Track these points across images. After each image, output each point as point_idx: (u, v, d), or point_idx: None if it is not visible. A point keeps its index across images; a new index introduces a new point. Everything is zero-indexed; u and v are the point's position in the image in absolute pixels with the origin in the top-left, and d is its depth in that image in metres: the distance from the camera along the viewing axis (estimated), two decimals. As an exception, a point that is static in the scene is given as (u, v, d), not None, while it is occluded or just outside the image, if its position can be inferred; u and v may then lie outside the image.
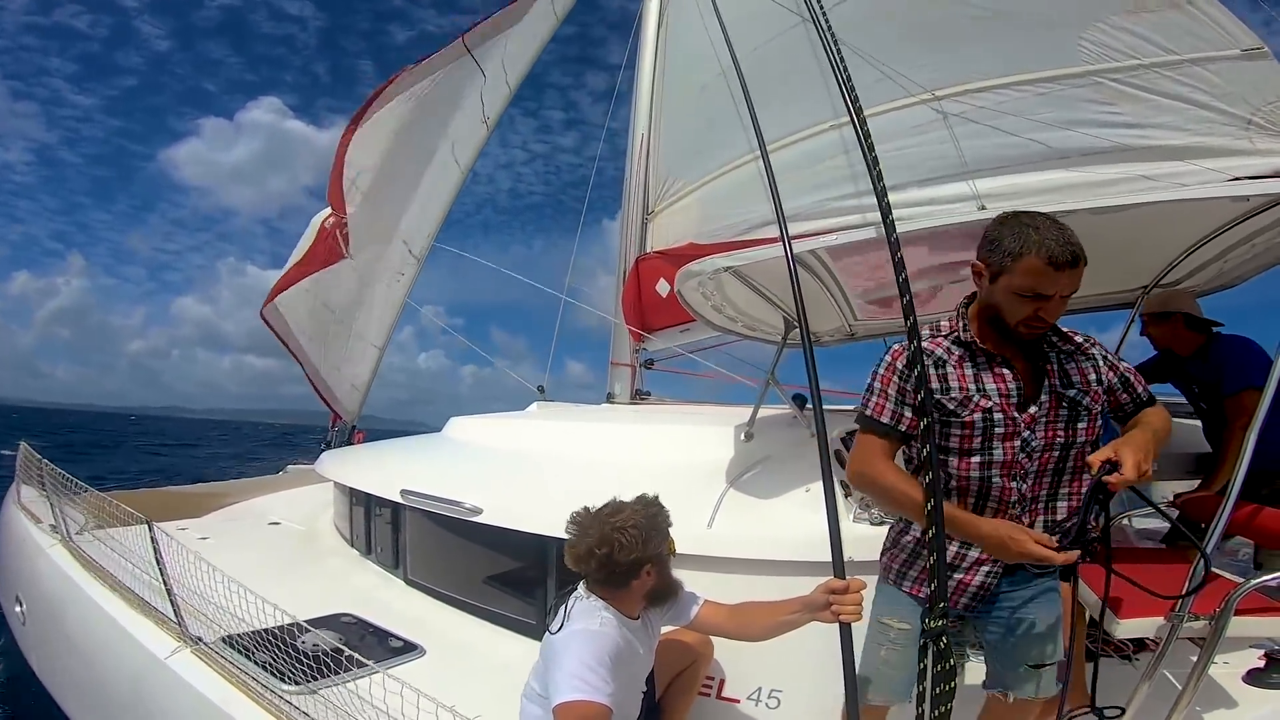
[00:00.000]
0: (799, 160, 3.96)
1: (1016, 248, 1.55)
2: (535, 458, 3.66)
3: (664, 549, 1.96)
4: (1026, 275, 1.55)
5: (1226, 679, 2.40)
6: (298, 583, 3.47)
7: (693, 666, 2.26)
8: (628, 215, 5.39)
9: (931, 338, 1.75)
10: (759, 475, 2.84)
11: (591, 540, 1.86)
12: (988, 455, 1.66)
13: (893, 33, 3.47)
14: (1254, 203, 2.09)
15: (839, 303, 3.53)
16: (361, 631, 2.83)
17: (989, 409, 1.65)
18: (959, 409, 1.66)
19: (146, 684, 2.60)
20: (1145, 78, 2.83)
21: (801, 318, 1.94)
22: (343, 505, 4.26)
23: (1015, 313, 1.61)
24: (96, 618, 3.01)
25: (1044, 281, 1.54)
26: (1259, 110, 2.63)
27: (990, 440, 1.66)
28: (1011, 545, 1.53)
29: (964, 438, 1.67)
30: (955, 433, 1.67)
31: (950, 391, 1.67)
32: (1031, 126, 2.94)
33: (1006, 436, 1.65)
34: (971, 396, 1.66)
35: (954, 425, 1.67)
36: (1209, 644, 1.84)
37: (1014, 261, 1.55)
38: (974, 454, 1.67)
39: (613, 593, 1.92)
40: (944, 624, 1.26)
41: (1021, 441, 1.65)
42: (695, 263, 2.70)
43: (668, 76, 5.20)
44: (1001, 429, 1.65)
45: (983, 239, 1.66)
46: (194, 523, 4.69)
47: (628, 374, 5.62)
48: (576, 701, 1.67)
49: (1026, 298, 1.57)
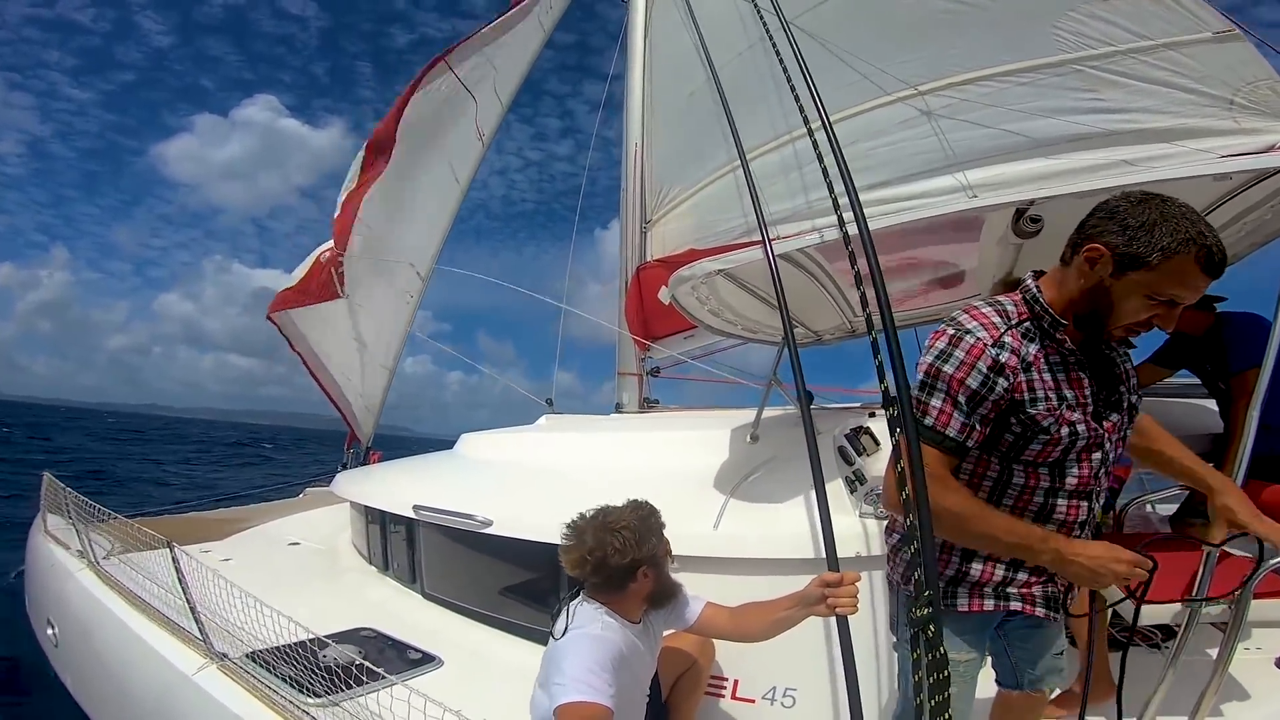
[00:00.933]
0: (790, 162, 3.99)
1: (1172, 242, 1.26)
2: (544, 469, 3.71)
3: (659, 551, 1.99)
4: (1173, 276, 1.28)
5: (1258, 664, 2.36)
6: (318, 599, 3.54)
7: (694, 667, 2.29)
8: (627, 224, 5.44)
9: (1009, 329, 1.41)
10: (765, 476, 2.86)
11: (587, 545, 1.90)
12: (1061, 472, 1.45)
13: (873, 30, 3.52)
14: (1237, 180, 2.10)
15: (837, 300, 3.57)
16: (381, 644, 2.88)
17: (1074, 422, 1.41)
18: (1052, 425, 1.40)
19: (174, 699, 2.67)
20: (1123, 64, 2.85)
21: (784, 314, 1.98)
22: (359, 523, 4.33)
23: (1130, 314, 1.35)
24: (124, 637, 3.09)
25: (1190, 286, 1.29)
26: (1239, 90, 2.64)
27: (1067, 456, 1.44)
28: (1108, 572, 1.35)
29: (1042, 453, 1.43)
30: (1035, 448, 1.43)
31: (1038, 404, 1.39)
32: (1016, 116, 2.98)
33: (1089, 448, 1.44)
34: (1059, 409, 1.40)
35: (1038, 441, 1.42)
36: (1231, 628, 1.82)
37: (1164, 259, 1.27)
38: (1044, 470, 1.45)
39: (611, 597, 1.96)
40: (931, 611, 1.25)
41: (1103, 454, 1.46)
42: (685, 268, 2.74)
43: (657, 84, 5.26)
44: (1084, 441, 1.42)
45: (1107, 219, 1.35)
46: (216, 545, 4.78)
47: (635, 383, 5.66)
48: (578, 703, 1.69)
49: (1157, 301, 1.32)
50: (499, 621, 3.04)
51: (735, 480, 2.83)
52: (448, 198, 6.74)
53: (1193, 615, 1.78)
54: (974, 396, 1.38)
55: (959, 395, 1.38)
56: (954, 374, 1.39)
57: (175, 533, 3.62)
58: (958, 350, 1.39)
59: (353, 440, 7.98)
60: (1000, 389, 1.37)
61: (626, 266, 5.41)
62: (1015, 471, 1.46)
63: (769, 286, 2.85)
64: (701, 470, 2.98)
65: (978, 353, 1.38)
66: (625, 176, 5.40)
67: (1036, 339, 1.42)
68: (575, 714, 1.69)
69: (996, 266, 3.19)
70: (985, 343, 1.38)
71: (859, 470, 2.77)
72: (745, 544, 2.44)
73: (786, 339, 1.93)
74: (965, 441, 1.41)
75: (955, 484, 1.43)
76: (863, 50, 3.23)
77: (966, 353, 1.38)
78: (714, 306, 3.15)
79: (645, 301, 5.16)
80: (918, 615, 1.23)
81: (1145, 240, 1.29)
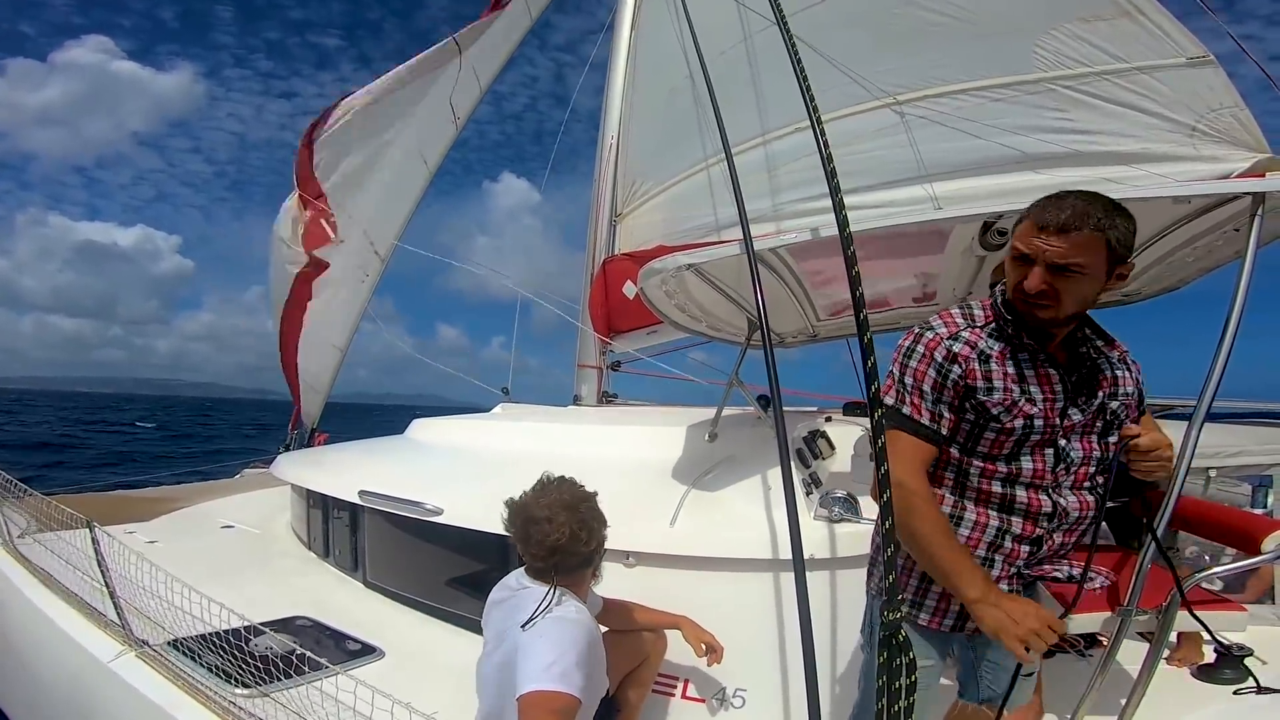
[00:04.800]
0: (763, 163, 4.01)
1: (1022, 216, 1.47)
2: (498, 458, 3.61)
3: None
4: (1020, 237, 1.46)
5: (1178, 676, 2.44)
6: (251, 586, 3.37)
7: (646, 663, 2.24)
8: (596, 217, 5.39)
9: (970, 327, 1.54)
10: (722, 474, 2.85)
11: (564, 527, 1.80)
12: (1015, 465, 1.51)
13: (859, 37, 3.54)
14: (1195, 204, 2.16)
15: (801, 304, 3.58)
16: (317, 634, 2.76)
17: (1031, 416, 1.47)
18: (1002, 415, 1.47)
19: (88, 688, 2.51)
20: (1096, 85, 2.93)
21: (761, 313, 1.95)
22: (300, 508, 4.15)
23: (1010, 280, 1.49)
24: (36, 622, 2.89)
25: (1026, 240, 1.43)
26: (1203, 117, 2.74)
27: (1020, 449, 1.50)
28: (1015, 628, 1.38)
29: (996, 443, 1.50)
30: (988, 436, 1.50)
31: (994, 393, 1.48)
32: (987, 131, 3.03)
33: (1041, 445, 1.50)
34: (1017, 400, 1.48)
35: (990, 430, 1.49)
36: (1157, 640, 1.88)
37: (1016, 226, 1.48)
38: (1001, 460, 1.52)
39: (573, 580, 1.87)
40: (900, 615, 1.25)
41: (1057, 450, 1.51)
42: (657, 260, 2.70)
43: (638, 79, 5.23)
44: (1038, 436, 1.49)
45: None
46: (142, 526, 4.52)
47: (594, 376, 5.60)
48: (550, 693, 1.59)
49: (1015, 261, 1.46)
50: (444, 613, 2.94)
51: (692, 477, 2.80)
52: (413, 176, 6.55)
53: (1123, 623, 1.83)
54: (935, 385, 1.50)
55: (924, 385, 1.51)
56: (916, 366, 1.52)
57: (99, 512, 3.40)
58: (919, 346, 1.53)
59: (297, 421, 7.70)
60: (954, 375, 1.49)
61: (593, 259, 5.35)
62: (974, 461, 1.54)
63: (738, 284, 2.84)
64: (659, 465, 2.95)
65: (934, 344, 1.51)
66: (598, 168, 5.35)
67: (1003, 338, 1.52)
68: (545, 704, 1.58)
69: (958, 277, 3.25)
70: (942, 336, 1.52)
71: (814, 473, 2.78)
72: (702, 542, 2.41)
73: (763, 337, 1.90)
74: (939, 430, 1.51)
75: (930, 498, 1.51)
76: (847, 56, 3.25)
77: (925, 346, 1.52)
78: (680, 302, 3.11)
79: (610, 295, 5.11)
80: (888, 619, 1.23)
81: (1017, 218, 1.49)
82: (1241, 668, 2.33)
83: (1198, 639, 2.56)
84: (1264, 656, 2.39)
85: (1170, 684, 2.34)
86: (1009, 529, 1.55)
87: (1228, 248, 2.47)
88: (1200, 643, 2.54)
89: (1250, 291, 1.88)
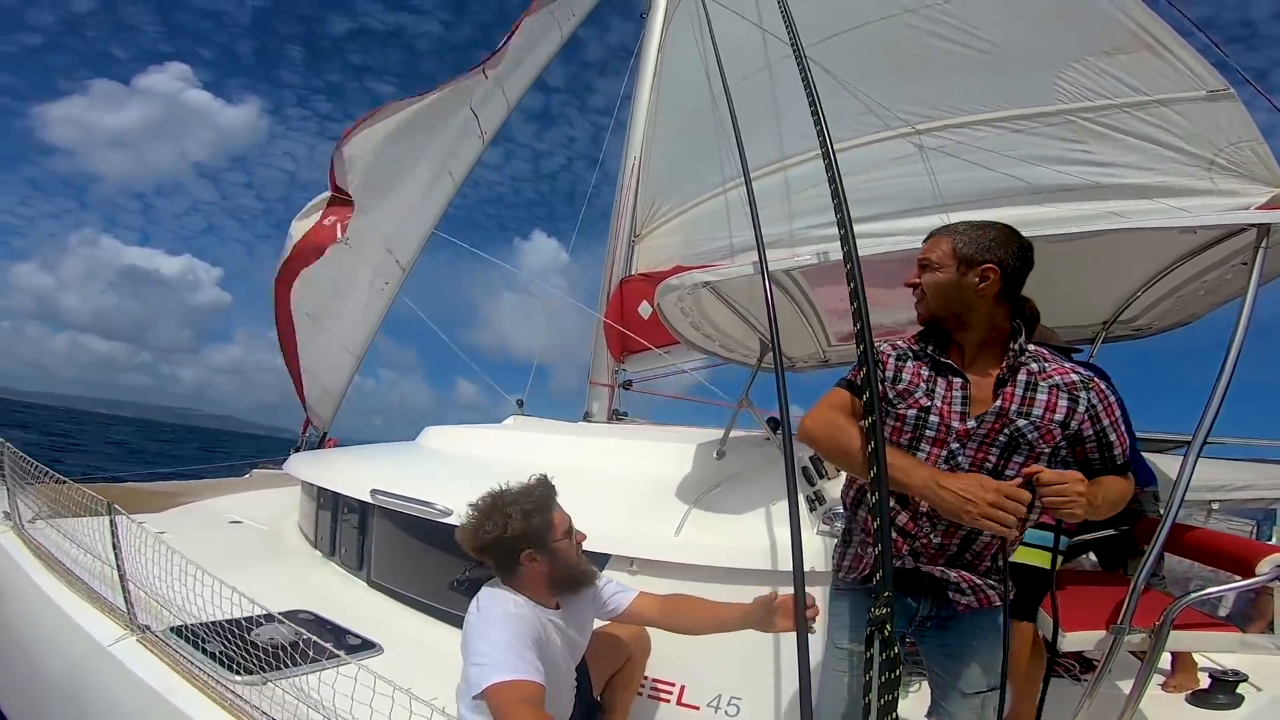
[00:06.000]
0: (782, 188, 4.06)
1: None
2: (509, 466, 3.62)
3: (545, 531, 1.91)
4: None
5: (1172, 701, 2.44)
6: (255, 579, 3.35)
7: (630, 662, 2.25)
8: (615, 237, 5.47)
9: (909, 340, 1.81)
10: (728, 490, 2.87)
11: (473, 527, 1.89)
12: (912, 452, 1.65)
13: (880, 66, 3.60)
14: (1201, 236, 2.18)
15: (814, 328, 3.61)
16: (319, 628, 2.77)
17: (926, 408, 1.65)
18: (897, 400, 1.69)
19: (86, 672, 2.53)
20: (1116, 118, 2.95)
21: (774, 331, 1.99)
22: (309, 506, 4.19)
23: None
24: (40, 605, 2.92)
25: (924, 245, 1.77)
26: (1221, 151, 2.75)
27: (917, 442, 1.65)
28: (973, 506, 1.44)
29: (894, 430, 1.68)
30: (890, 423, 1.68)
31: (899, 383, 1.71)
32: (1006, 162, 3.06)
33: (936, 442, 1.64)
34: (914, 391, 1.68)
35: (891, 415, 1.69)
36: (1150, 656, 1.89)
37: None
38: (900, 448, 1.66)
39: (509, 578, 1.90)
40: (888, 612, 1.27)
41: (949, 452, 1.62)
42: (675, 277, 2.76)
43: (662, 101, 5.33)
44: (932, 432, 1.64)
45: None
46: (151, 518, 4.56)
47: (605, 394, 5.64)
48: (508, 682, 1.60)
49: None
50: (446, 614, 2.95)
51: (699, 491, 2.82)
52: (437, 188, 6.64)
53: (1116, 642, 1.85)
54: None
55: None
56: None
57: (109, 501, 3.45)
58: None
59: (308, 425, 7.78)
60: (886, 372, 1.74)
61: (610, 278, 5.42)
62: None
63: (753, 305, 2.88)
64: (666, 479, 2.97)
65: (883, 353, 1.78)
66: (620, 189, 5.44)
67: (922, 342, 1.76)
68: (508, 693, 1.59)
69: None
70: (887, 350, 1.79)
71: (819, 491, 2.81)
72: (705, 552, 2.43)
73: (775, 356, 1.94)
74: (855, 381, 1.75)
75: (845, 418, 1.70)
76: (867, 84, 3.31)
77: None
78: (695, 320, 3.15)
79: (626, 314, 5.17)
80: (876, 615, 1.26)
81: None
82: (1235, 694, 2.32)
83: (1193, 666, 2.56)
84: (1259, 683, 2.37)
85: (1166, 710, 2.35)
86: (894, 520, 1.66)
87: (1236, 282, 2.48)
88: (1195, 669, 2.54)
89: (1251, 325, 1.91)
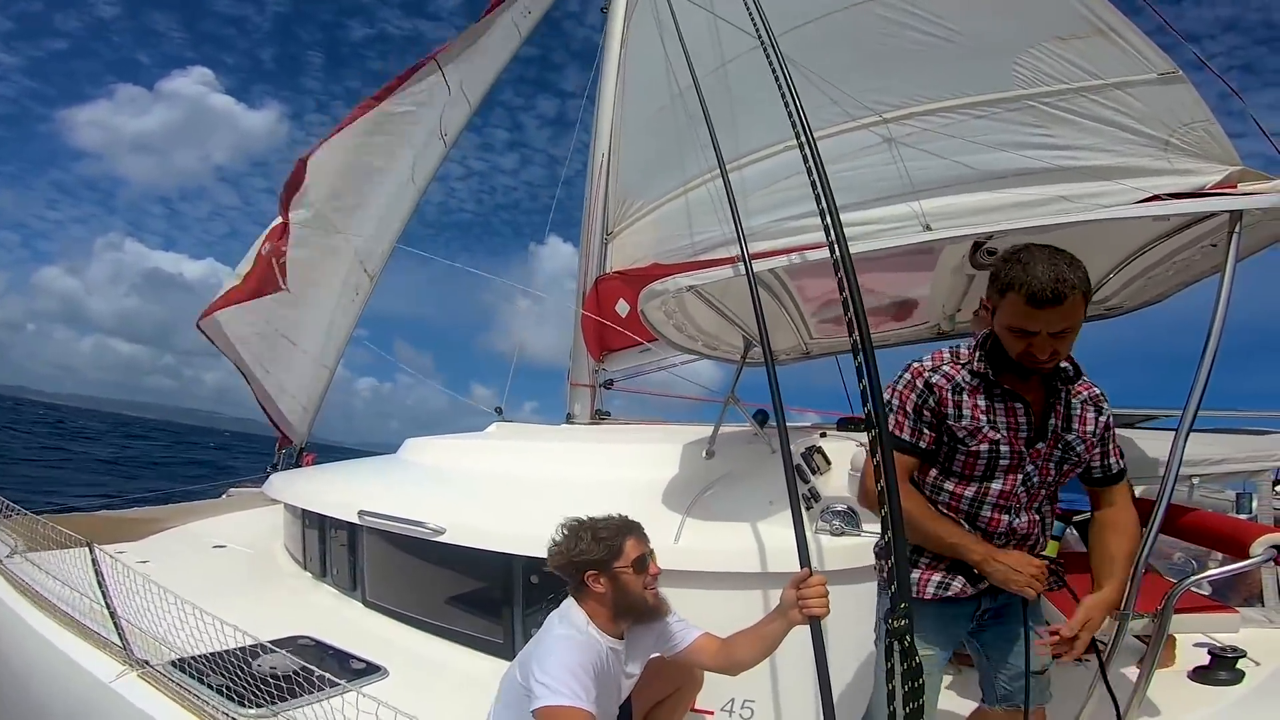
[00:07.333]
0: (753, 181, 4.08)
1: (1005, 284, 1.58)
2: (496, 477, 3.62)
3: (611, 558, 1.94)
4: (1010, 311, 1.58)
5: (1173, 677, 2.47)
6: (248, 606, 3.34)
7: (676, 694, 2.22)
8: (588, 235, 5.43)
9: (951, 362, 1.76)
10: (722, 491, 2.88)
11: (551, 545, 1.98)
12: (985, 486, 1.71)
13: (844, 57, 3.62)
14: (1174, 222, 2.26)
15: (795, 321, 3.64)
16: (320, 654, 2.74)
17: (996, 441, 1.67)
18: (967, 439, 1.69)
19: (90, 710, 2.48)
20: (1074, 101, 3.03)
21: (763, 334, 2.01)
22: (294, 527, 4.12)
23: (1010, 347, 1.63)
24: (33, 643, 2.84)
25: (1025, 318, 1.56)
26: (1175, 132, 2.85)
27: (993, 472, 1.70)
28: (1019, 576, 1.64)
29: (966, 464, 1.70)
30: (960, 459, 1.71)
31: (962, 420, 1.69)
32: (972, 148, 3.12)
33: (1010, 469, 1.69)
34: (981, 427, 1.68)
35: (960, 453, 1.70)
36: (1155, 640, 1.94)
37: (1001, 298, 1.60)
38: (972, 482, 1.72)
39: (578, 598, 1.96)
40: (907, 623, 1.30)
41: (1024, 475, 1.70)
42: (659, 282, 2.74)
43: (627, 98, 5.29)
44: (1006, 461, 1.68)
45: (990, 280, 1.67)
46: (132, 546, 4.45)
47: (587, 394, 5.62)
48: (561, 707, 1.66)
49: (1015, 333, 1.60)
50: (446, 631, 2.95)
51: (692, 494, 2.83)
52: (402, 195, 6.55)
53: (1120, 627, 1.91)
54: (916, 407, 1.73)
55: (906, 405, 1.74)
56: (903, 390, 1.76)
57: (87, 533, 3.35)
58: (907, 374, 1.77)
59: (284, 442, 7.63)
60: (931, 402, 1.72)
61: (586, 277, 5.39)
62: (949, 479, 1.75)
63: (736, 305, 2.89)
64: (658, 483, 2.98)
65: (916, 373, 1.75)
66: (590, 187, 5.40)
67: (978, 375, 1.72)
68: (560, 717, 1.66)
69: (948, 294, 3.33)
70: (925, 368, 1.76)
71: (814, 488, 2.83)
72: (706, 558, 2.45)
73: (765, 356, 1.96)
74: (918, 444, 1.74)
75: (910, 489, 1.75)
76: (835, 75, 3.33)
77: (911, 374, 1.76)
78: (679, 321, 3.15)
79: (603, 313, 5.16)
80: (895, 626, 1.28)
81: (994, 287, 1.64)
82: (1235, 669, 2.39)
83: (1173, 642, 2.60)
84: (1257, 658, 2.44)
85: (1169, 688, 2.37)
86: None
87: (1205, 262, 2.57)
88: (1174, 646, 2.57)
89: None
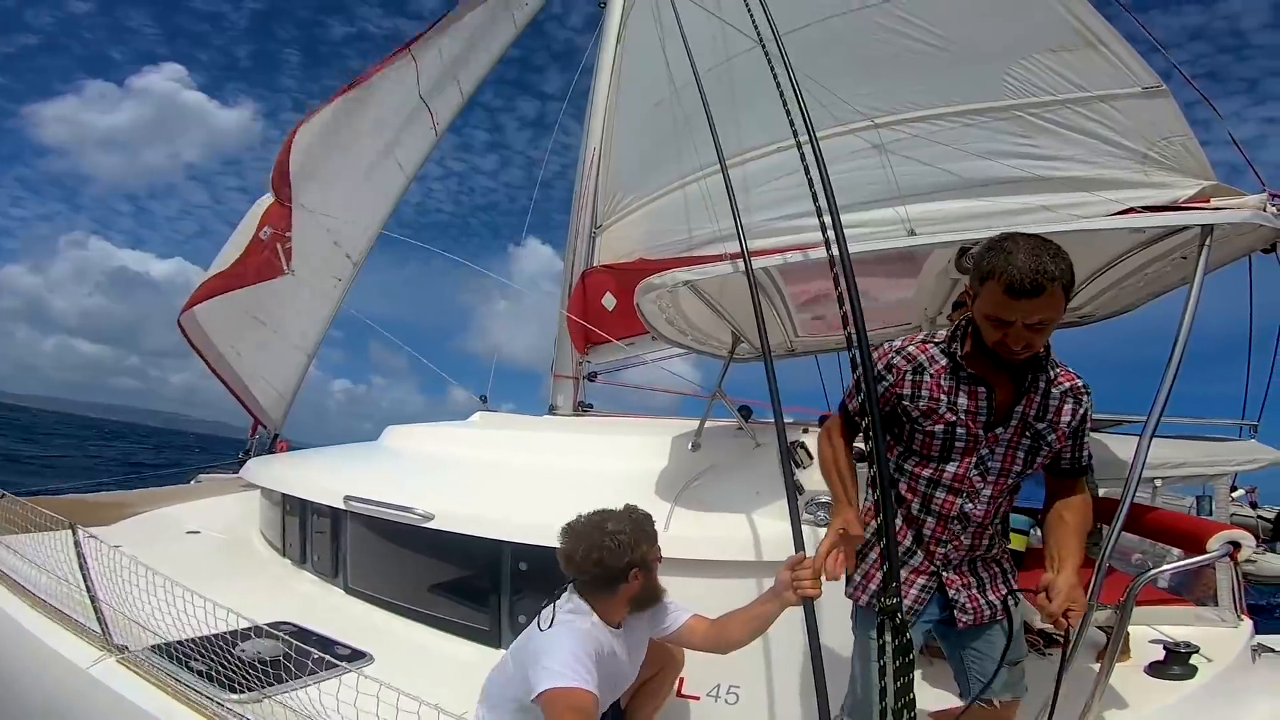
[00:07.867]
0: (746, 180, 4.13)
1: (985, 272, 1.54)
2: (482, 465, 3.62)
3: (650, 555, 2.02)
4: (988, 300, 1.55)
5: (1130, 672, 2.57)
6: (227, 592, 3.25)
7: (660, 674, 2.28)
8: (576, 228, 5.44)
9: (921, 342, 1.76)
10: (708, 482, 2.93)
11: (585, 545, 1.94)
12: (941, 468, 1.72)
13: (837, 61, 3.69)
14: (1149, 234, 2.36)
15: (782, 319, 3.71)
16: (305, 639, 2.72)
17: (952, 423, 1.68)
18: (922, 419, 1.70)
19: (67, 696, 2.43)
20: (1059, 113, 3.14)
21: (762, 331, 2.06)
22: (273, 513, 4.07)
23: (986, 335, 1.61)
24: (6, 628, 2.78)
25: (1003, 308, 1.53)
26: (1154, 145, 2.96)
27: (949, 453, 1.71)
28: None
29: (924, 445, 1.73)
30: (919, 438, 1.73)
31: (919, 400, 1.70)
32: (958, 156, 3.21)
33: (965, 452, 1.70)
34: (938, 409, 1.69)
35: (919, 432, 1.72)
36: (1117, 631, 2.04)
37: (981, 285, 1.57)
38: (929, 463, 1.73)
39: (598, 597, 1.98)
40: (899, 601, 1.37)
41: (978, 459, 1.70)
42: (656, 276, 2.78)
43: (622, 93, 5.31)
44: (962, 444, 1.69)
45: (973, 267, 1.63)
46: (103, 531, 4.34)
47: (570, 386, 5.64)
48: (568, 688, 1.70)
49: (992, 321, 1.57)
50: (430, 618, 2.95)
51: (679, 485, 2.88)
52: (388, 182, 6.48)
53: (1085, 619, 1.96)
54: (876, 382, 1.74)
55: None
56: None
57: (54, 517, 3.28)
58: (875, 353, 1.78)
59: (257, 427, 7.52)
60: (887, 382, 1.74)
61: (572, 270, 5.41)
62: (909, 459, 1.77)
63: (727, 301, 2.94)
64: (644, 473, 3.01)
65: (882, 355, 1.77)
66: (580, 180, 5.41)
67: (948, 357, 1.73)
68: (565, 698, 1.69)
69: (931, 297, 3.42)
70: (891, 349, 1.78)
71: (798, 481, 2.90)
72: (695, 546, 2.49)
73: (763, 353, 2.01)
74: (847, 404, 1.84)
75: (839, 441, 1.86)
76: (827, 79, 3.38)
77: (878, 355, 1.77)
78: (670, 316, 3.19)
79: (589, 306, 5.18)
80: (886, 605, 1.34)
81: (974, 274, 1.60)
82: (1189, 665, 2.50)
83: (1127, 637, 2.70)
84: (1210, 655, 2.55)
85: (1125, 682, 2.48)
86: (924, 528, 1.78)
87: (1175, 274, 2.68)
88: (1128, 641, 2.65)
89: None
